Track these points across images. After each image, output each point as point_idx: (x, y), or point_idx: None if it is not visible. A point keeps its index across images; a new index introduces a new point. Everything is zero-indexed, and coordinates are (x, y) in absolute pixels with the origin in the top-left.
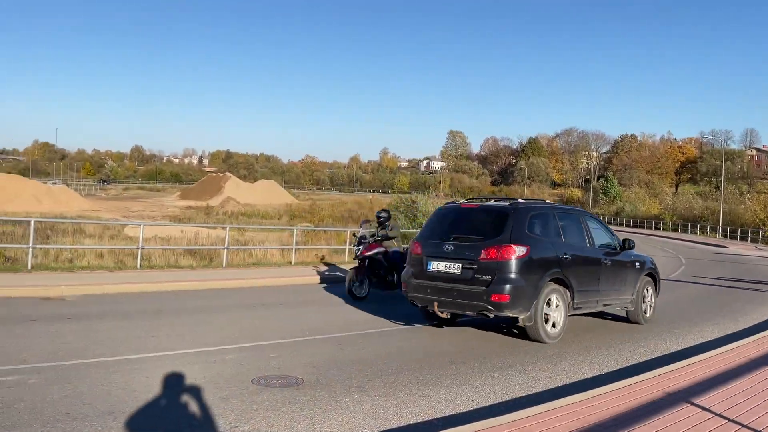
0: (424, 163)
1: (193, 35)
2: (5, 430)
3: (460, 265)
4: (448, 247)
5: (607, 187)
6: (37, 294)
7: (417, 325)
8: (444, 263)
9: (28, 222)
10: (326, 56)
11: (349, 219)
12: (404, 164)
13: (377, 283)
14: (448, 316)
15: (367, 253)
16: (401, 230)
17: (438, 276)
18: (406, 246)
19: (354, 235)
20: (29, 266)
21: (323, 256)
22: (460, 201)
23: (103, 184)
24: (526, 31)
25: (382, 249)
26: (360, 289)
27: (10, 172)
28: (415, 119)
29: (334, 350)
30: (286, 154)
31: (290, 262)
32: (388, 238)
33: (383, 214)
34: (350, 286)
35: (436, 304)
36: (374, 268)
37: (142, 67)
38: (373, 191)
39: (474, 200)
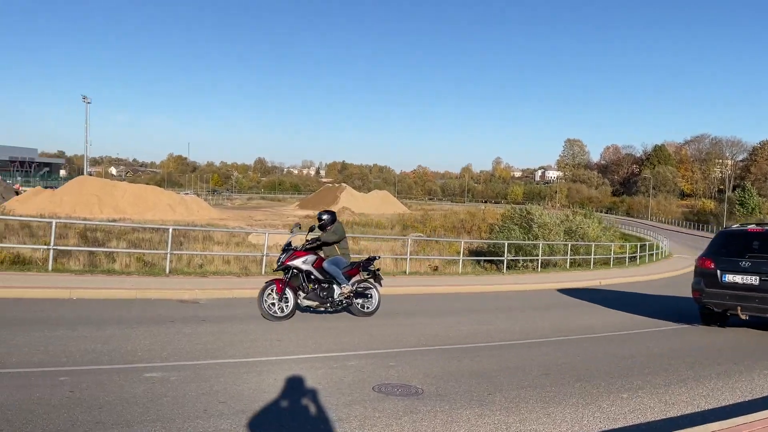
0: (539, 172)
1: (310, 54)
2: (152, 423)
3: (758, 277)
4: (745, 264)
5: (745, 197)
6: (175, 296)
7: (533, 341)
8: (740, 276)
9: (166, 229)
10: (439, 67)
11: (461, 229)
12: (518, 174)
13: (309, 298)
14: (747, 318)
15: (290, 262)
16: (345, 234)
17: (735, 286)
18: (368, 256)
19: (283, 244)
20: (167, 270)
21: (437, 266)
22: (734, 225)
23: (214, 194)
24: (650, 32)
25: (312, 257)
26: (278, 306)
27: (148, 183)
28: (530, 128)
29: (452, 361)
30: (399, 164)
31: (404, 272)
32: (326, 244)
33: (325, 216)
34: (264, 303)
35: (739, 308)
36: (303, 280)
37: (265, 84)
38: (486, 202)
39: (746, 225)
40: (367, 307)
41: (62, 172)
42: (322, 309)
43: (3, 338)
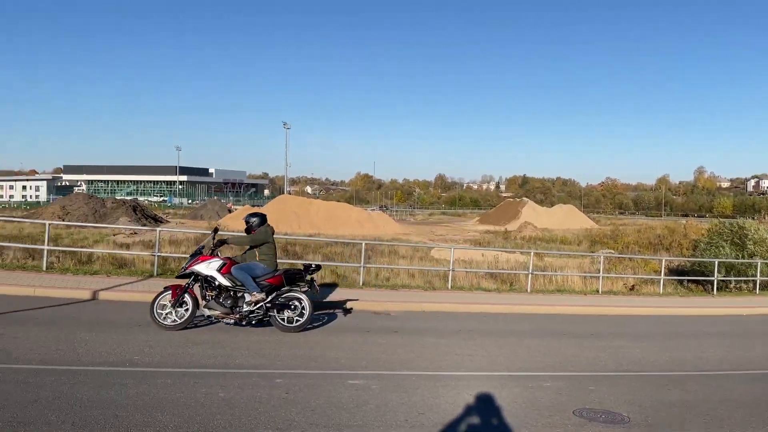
0: (752, 182)
1: (489, 70)
2: (359, 428)
3: None
4: None
5: None
6: (369, 308)
7: (756, 372)
8: None
9: (356, 244)
10: (627, 70)
11: (659, 246)
12: (725, 184)
13: (210, 306)
14: None
15: (192, 267)
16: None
17: None
18: (305, 263)
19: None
20: (360, 283)
21: (633, 285)
22: None
23: (381, 209)
24: None
25: (218, 262)
26: (168, 313)
27: (339, 201)
28: (739, 132)
29: (659, 389)
30: (584, 177)
31: (597, 291)
32: (252, 247)
33: (253, 219)
34: (155, 309)
35: None
36: (204, 287)
37: (447, 103)
38: (686, 215)
39: None
40: (293, 321)
41: (266, 192)
42: (232, 321)
43: (226, 342)
